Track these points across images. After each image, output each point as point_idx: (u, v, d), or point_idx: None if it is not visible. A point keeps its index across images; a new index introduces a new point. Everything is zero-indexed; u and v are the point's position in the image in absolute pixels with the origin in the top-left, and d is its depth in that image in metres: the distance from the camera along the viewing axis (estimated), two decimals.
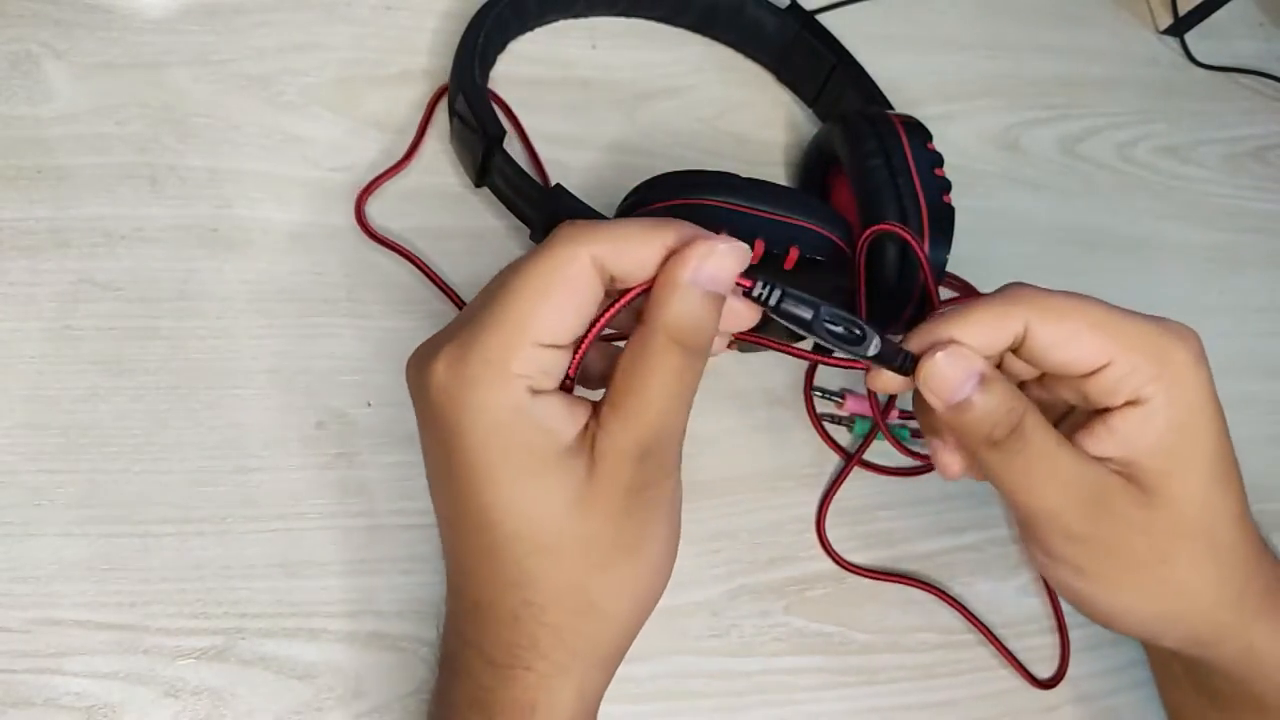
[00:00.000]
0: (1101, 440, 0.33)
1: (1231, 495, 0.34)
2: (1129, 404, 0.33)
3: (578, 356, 0.31)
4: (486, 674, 0.32)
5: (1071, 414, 0.37)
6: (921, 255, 0.45)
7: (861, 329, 0.31)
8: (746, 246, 0.30)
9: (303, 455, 0.43)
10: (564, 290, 0.29)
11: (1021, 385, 0.36)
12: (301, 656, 0.40)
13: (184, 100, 0.48)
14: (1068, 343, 0.32)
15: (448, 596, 0.34)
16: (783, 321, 0.31)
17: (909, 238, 0.46)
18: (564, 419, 0.30)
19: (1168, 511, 0.33)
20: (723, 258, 0.29)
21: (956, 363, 0.32)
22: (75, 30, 0.49)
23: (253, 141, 0.49)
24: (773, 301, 0.30)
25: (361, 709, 0.39)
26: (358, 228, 0.48)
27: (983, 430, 0.32)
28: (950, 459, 0.35)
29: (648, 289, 0.30)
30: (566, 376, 0.31)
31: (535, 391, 0.29)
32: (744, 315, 0.32)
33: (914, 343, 0.33)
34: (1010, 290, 0.33)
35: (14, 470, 0.39)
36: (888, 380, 0.33)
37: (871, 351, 0.31)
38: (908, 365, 0.33)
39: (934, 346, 0.32)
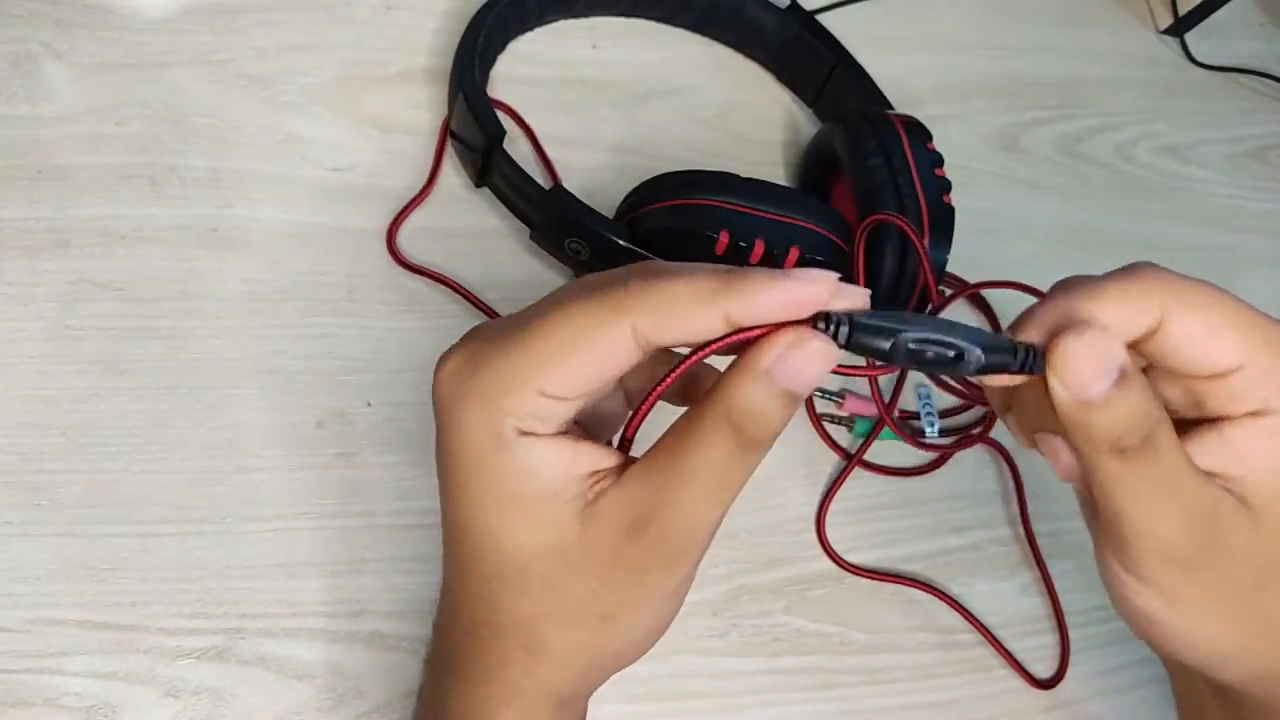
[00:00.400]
0: (1213, 452, 0.29)
1: None
2: (1250, 415, 0.29)
3: (636, 420, 0.28)
4: (444, 680, 0.32)
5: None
6: (920, 246, 0.45)
7: (957, 348, 0.26)
8: (836, 351, 0.25)
9: (303, 455, 0.43)
10: (584, 358, 0.26)
11: None
12: (301, 656, 0.40)
13: (184, 100, 0.48)
14: (1205, 339, 0.28)
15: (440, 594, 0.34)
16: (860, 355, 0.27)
17: (906, 228, 0.46)
18: (552, 465, 0.28)
19: (1274, 538, 0.30)
20: (812, 357, 0.25)
21: (1097, 349, 0.27)
22: (75, 30, 0.49)
23: (253, 141, 0.49)
24: (841, 340, 0.26)
25: (361, 709, 0.39)
26: (390, 260, 0.47)
27: (1112, 435, 0.27)
28: (1069, 458, 0.30)
29: (726, 342, 0.26)
30: (623, 438, 0.29)
31: (524, 433, 0.27)
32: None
33: (1035, 323, 0.28)
34: (1141, 270, 0.29)
35: (14, 470, 0.39)
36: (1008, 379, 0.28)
37: (974, 369, 0.27)
38: (1032, 363, 0.27)
39: (1066, 328, 0.27)
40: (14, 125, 0.45)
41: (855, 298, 0.26)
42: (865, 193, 0.49)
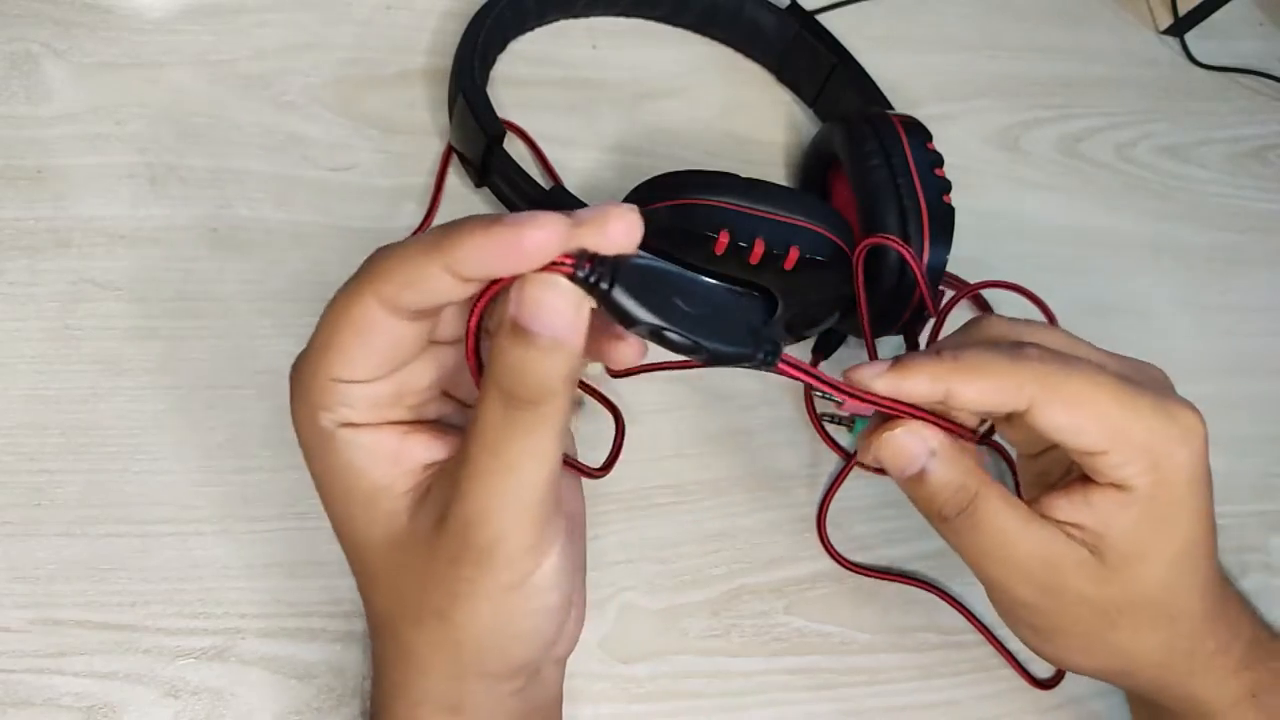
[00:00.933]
0: (1077, 508, 0.33)
1: (1199, 572, 0.34)
2: (1111, 485, 0.32)
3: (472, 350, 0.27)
4: (372, 676, 0.33)
5: (1053, 449, 0.36)
6: (916, 267, 0.45)
7: (695, 345, 0.25)
8: (570, 286, 0.24)
9: (302, 455, 0.43)
10: (346, 336, 0.27)
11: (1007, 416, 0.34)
12: (301, 656, 0.39)
13: (184, 100, 0.48)
14: (1069, 430, 0.31)
15: None
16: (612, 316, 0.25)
17: (903, 250, 0.46)
18: (374, 458, 0.28)
19: (1123, 588, 0.33)
20: (541, 292, 0.24)
21: (913, 439, 0.32)
22: (75, 30, 0.49)
23: (253, 141, 0.49)
24: (593, 280, 0.24)
25: (361, 709, 0.39)
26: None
27: (933, 507, 0.33)
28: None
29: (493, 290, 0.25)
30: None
31: (345, 424, 0.28)
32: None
33: (919, 373, 0.31)
34: (1020, 358, 0.31)
35: (14, 470, 0.39)
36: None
37: (707, 362, 0.26)
38: (770, 362, 0.28)
39: (889, 425, 0.32)
40: (14, 125, 0.45)
41: (613, 234, 0.24)
42: (865, 193, 0.49)
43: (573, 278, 0.24)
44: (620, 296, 0.24)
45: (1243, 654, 0.37)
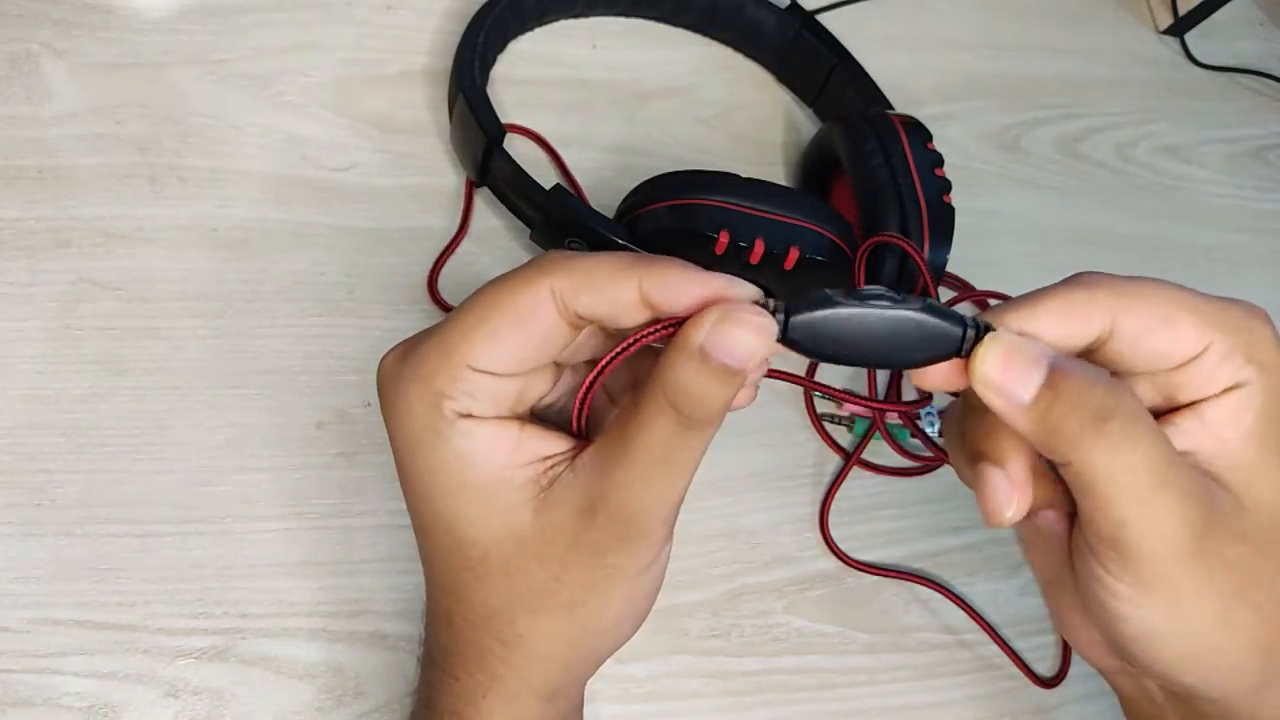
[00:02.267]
0: (1191, 433, 0.28)
1: None
2: (1225, 391, 0.28)
3: (583, 404, 0.28)
4: (432, 674, 0.32)
5: None
6: (921, 263, 0.45)
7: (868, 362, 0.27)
8: (770, 324, 0.25)
9: (303, 455, 0.43)
10: (506, 319, 0.27)
11: None
12: (301, 656, 0.39)
13: (184, 100, 0.48)
14: (1161, 329, 0.28)
15: None
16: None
17: (908, 247, 0.46)
18: (493, 450, 0.28)
19: (1255, 518, 0.28)
20: (742, 329, 0.25)
21: (1013, 360, 0.26)
22: (75, 30, 0.49)
23: (253, 141, 0.49)
24: (780, 317, 0.26)
25: (361, 709, 0.39)
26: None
27: (1090, 407, 0.26)
28: (1008, 495, 0.28)
29: (663, 332, 0.26)
30: (576, 424, 0.29)
31: (465, 415, 0.27)
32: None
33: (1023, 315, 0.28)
34: (1084, 279, 0.29)
35: (14, 470, 0.39)
36: (941, 377, 0.28)
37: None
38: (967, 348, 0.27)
39: (979, 353, 0.26)
40: (14, 125, 0.45)
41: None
42: (865, 193, 0.49)
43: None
44: (796, 334, 0.26)
45: None
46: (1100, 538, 0.28)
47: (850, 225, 0.47)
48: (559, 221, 0.46)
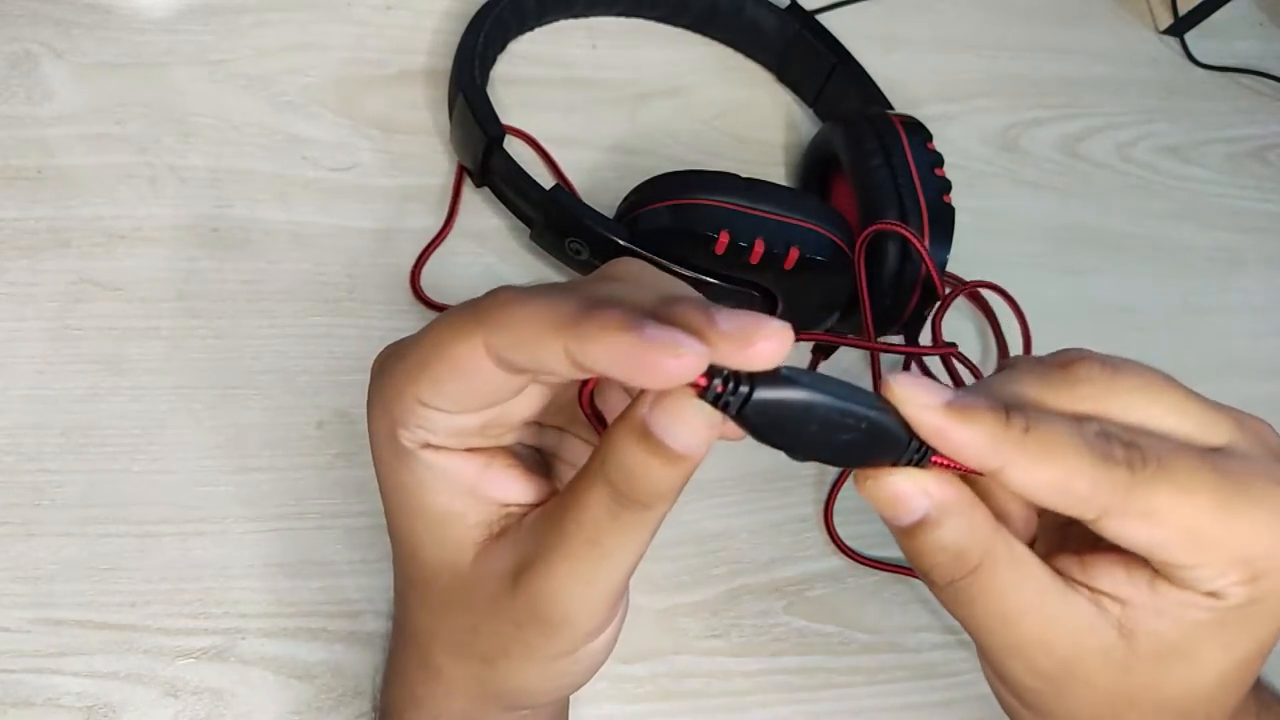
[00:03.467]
0: (1133, 585, 0.26)
1: (1240, 691, 0.28)
2: (1190, 589, 0.26)
3: (589, 402, 0.27)
4: (385, 667, 0.33)
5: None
6: (922, 249, 0.45)
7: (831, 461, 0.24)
8: (713, 415, 0.22)
9: (303, 455, 0.43)
10: (444, 367, 0.25)
11: None
12: (301, 656, 0.39)
13: (184, 100, 0.48)
14: (1146, 545, 0.25)
15: None
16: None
17: (908, 234, 0.46)
18: (450, 483, 0.27)
19: (1148, 685, 0.27)
20: (681, 416, 0.22)
21: (911, 485, 0.25)
22: (75, 30, 0.49)
23: (253, 141, 0.49)
24: (732, 410, 0.22)
25: (362, 709, 0.39)
26: (408, 309, 0.47)
27: (920, 565, 0.26)
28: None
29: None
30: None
31: (424, 445, 0.26)
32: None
33: (941, 422, 0.24)
34: (1107, 456, 0.24)
35: (14, 470, 0.39)
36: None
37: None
38: (920, 458, 0.25)
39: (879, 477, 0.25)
40: (14, 125, 0.45)
41: (757, 356, 0.21)
42: (865, 193, 0.49)
43: (704, 396, 0.22)
44: (753, 417, 0.22)
45: None
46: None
47: (850, 225, 0.47)
48: (559, 221, 0.46)
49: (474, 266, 0.49)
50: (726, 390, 0.22)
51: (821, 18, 0.59)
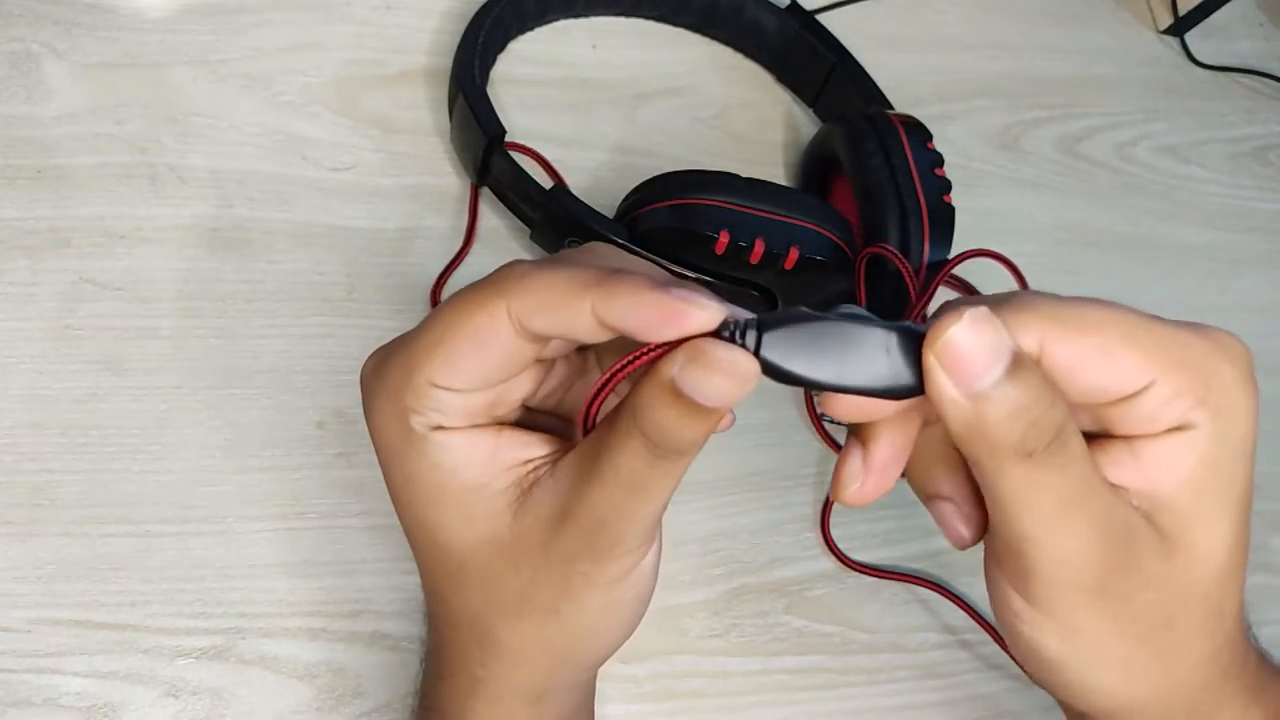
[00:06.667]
0: (1122, 465, 0.26)
1: (1246, 546, 0.28)
2: (1168, 432, 0.26)
3: (587, 414, 0.27)
4: (429, 670, 0.32)
5: None
6: (907, 275, 0.45)
7: (861, 389, 0.24)
8: (748, 362, 0.23)
9: (303, 455, 0.43)
10: (463, 343, 0.26)
11: None
12: (301, 656, 0.39)
13: (184, 100, 0.48)
14: (1098, 362, 0.25)
15: None
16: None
17: (896, 260, 0.46)
18: (470, 459, 0.27)
19: (1184, 566, 0.27)
20: (713, 370, 0.23)
21: (983, 333, 0.23)
22: (75, 30, 0.49)
23: (253, 141, 0.49)
24: (751, 347, 0.23)
25: (361, 709, 0.39)
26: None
27: (1014, 435, 0.24)
28: (855, 473, 0.27)
29: (661, 351, 0.24)
30: (581, 431, 0.28)
31: (436, 428, 0.27)
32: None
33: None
34: (1018, 298, 0.25)
35: (14, 470, 0.39)
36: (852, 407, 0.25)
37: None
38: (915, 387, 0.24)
39: (944, 320, 0.23)
40: (14, 125, 0.45)
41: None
42: (865, 193, 0.49)
43: (720, 337, 0.23)
44: (770, 355, 0.24)
45: (1256, 688, 0.30)
46: (1004, 546, 0.27)
47: (850, 225, 0.47)
48: (559, 222, 0.46)
49: (473, 266, 0.49)
50: (739, 338, 0.23)
51: (821, 18, 0.59)
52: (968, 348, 0.23)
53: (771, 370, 0.24)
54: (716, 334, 0.23)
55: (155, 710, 0.37)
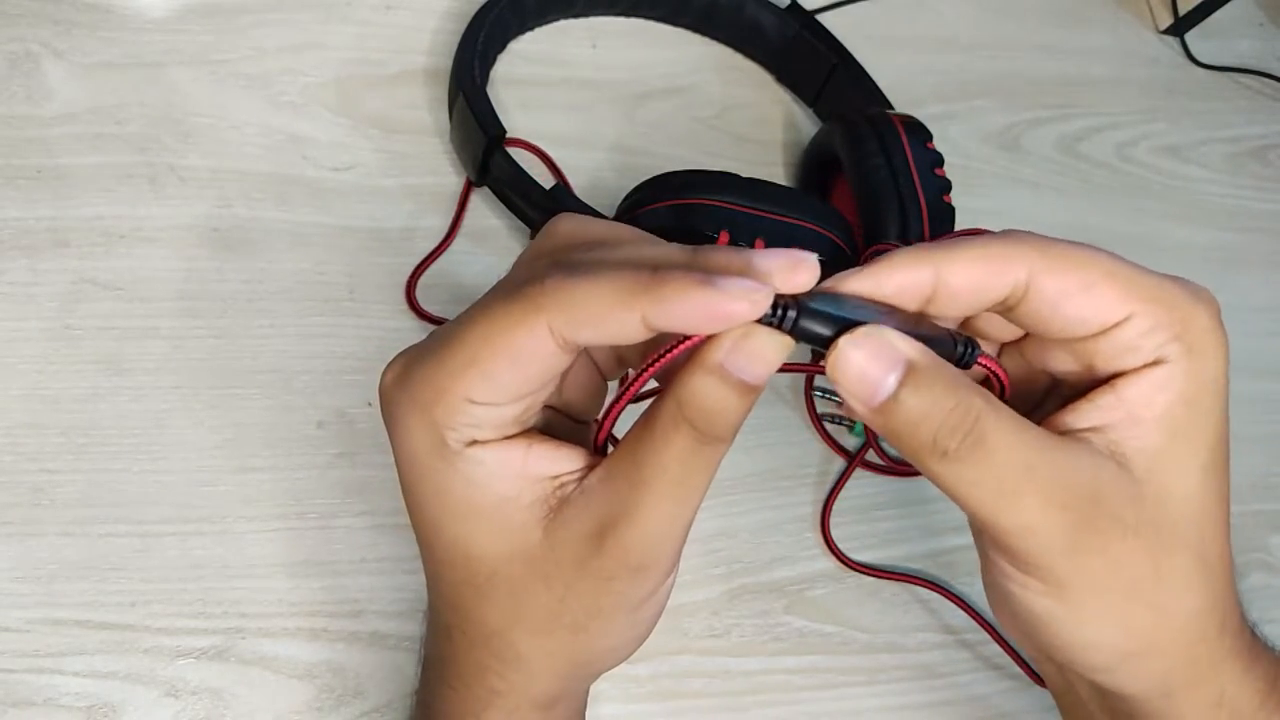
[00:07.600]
0: (1098, 407, 0.27)
1: (1224, 496, 0.28)
2: (1146, 367, 0.27)
3: (602, 433, 0.28)
4: (432, 680, 0.32)
5: (1054, 388, 0.30)
6: None
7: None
8: (786, 339, 0.25)
9: (303, 455, 0.43)
10: (501, 361, 0.25)
11: (998, 352, 0.31)
12: (301, 656, 0.39)
13: (184, 100, 0.48)
14: (1081, 294, 0.26)
15: None
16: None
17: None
18: (501, 472, 0.27)
19: (1158, 507, 0.27)
20: (761, 349, 0.25)
21: (871, 349, 0.25)
22: (75, 30, 0.49)
23: (253, 141, 0.49)
24: (788, 327, 0.25)
25: (361, 709, 0.39)
26: (408, 309, 0.47)
27: (924, 438, 0.25)
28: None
29: (686, 345, 0.25)
30: (594, 446, 0.28)
31: (470, 443, 0.27)
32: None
33: (885, 276, 0.27)
34: (1013, 233, 0.27)
35: (14, 470, 0.39)
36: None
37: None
38: (970, 357, 0.27)
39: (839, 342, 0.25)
40: (14, 125, 0.45)
41: (798, 281, 0.25)
42: (865, 193, 0.49)
43: (767, 322, 0.25)
44: (810, 325, 0.25)
45: (1253, 654, 0.30)
46: (974, 523, 0.28)
47: (850, 225, 0.47)
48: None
49: (474, 266, 0.49)
50: (778, 317, 0.24)
51: (821, 18, 0.59)
52: (857, 366, 0.25)
53: (810, 338, 0.25)
54: (766, 320, 0.25)
55: (155, 710, 0.37)
